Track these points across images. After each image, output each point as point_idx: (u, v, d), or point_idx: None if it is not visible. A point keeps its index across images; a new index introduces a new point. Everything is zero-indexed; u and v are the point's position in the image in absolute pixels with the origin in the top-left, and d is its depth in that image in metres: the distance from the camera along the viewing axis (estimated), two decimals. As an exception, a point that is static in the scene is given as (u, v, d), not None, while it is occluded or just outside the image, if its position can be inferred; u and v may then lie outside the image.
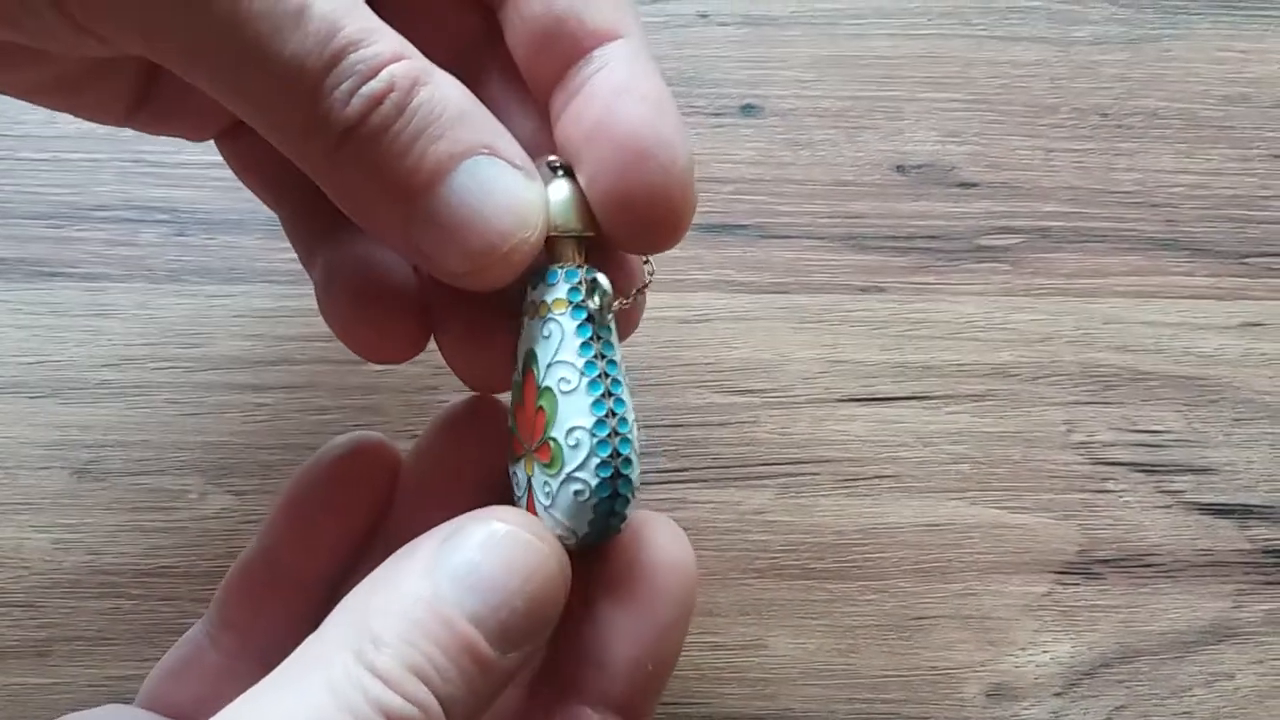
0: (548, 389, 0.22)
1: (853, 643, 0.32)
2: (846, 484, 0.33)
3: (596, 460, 0.21)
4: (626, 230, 0.22)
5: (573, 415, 0.22)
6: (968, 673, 0.31)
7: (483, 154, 0.20)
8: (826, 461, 0.33)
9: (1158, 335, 0.34)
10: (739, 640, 0.31)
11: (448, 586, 0.19)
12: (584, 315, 0.22)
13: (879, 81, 0.37)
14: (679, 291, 0.34)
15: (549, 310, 0.22)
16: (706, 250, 0.35)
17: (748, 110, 0.36)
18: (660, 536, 0.22)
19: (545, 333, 0.22)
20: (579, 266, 0.23)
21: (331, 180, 0.21)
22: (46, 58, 0.22)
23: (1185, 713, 0.31)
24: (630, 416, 0.22)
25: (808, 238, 0.35)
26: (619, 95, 0.22)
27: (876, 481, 0.33)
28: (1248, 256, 0.35)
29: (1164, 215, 0.36)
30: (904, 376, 0.34)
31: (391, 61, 0.20)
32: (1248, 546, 0.33)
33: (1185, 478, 0.33)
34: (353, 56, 0.19)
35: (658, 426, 0.33)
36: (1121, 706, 0.31)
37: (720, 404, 0.33)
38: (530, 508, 0.22)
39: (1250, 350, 0.34)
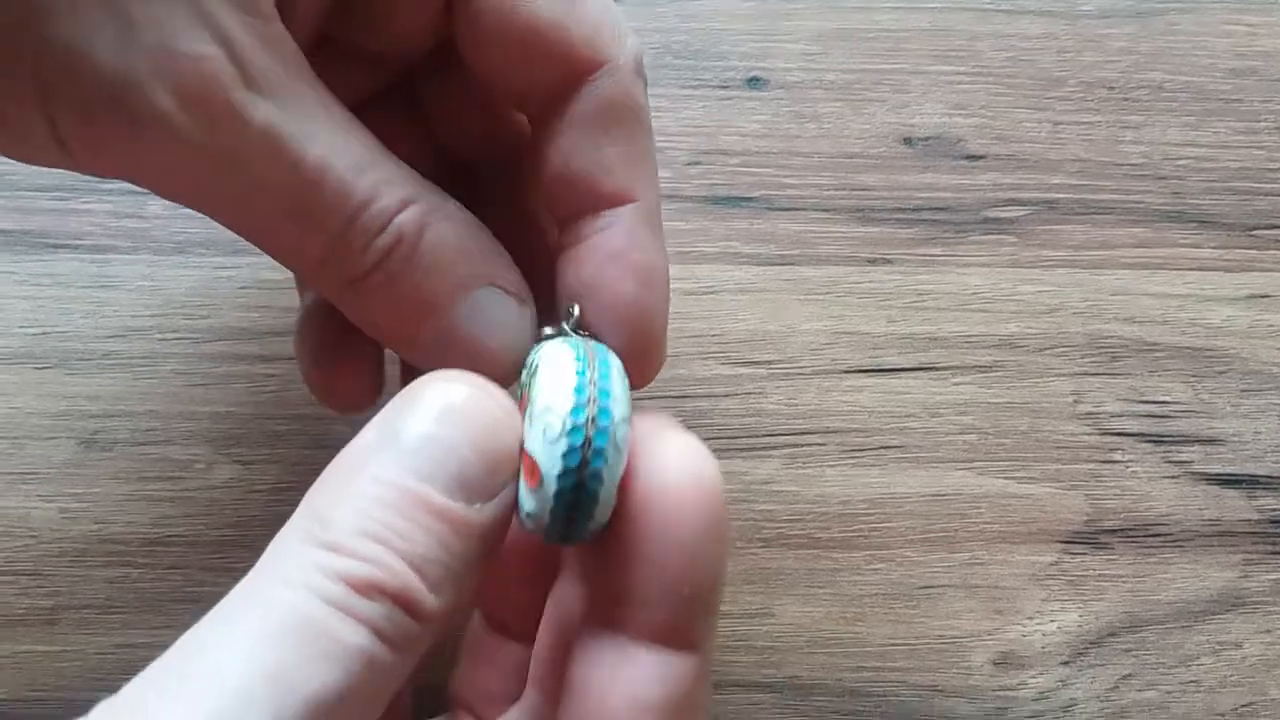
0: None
1: (859, 611, 0.32)
2: (853, 454, 0.33)
3: (564, 446, 0.19)
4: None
5: (549, 393, 0.20)
6: (974, 641, 0.31)
7: (480, 285, 0.23)
8: (833, 432, 0.33)
9: (1165, 306, 0.34)
10: (746, 609, 0.31)
11: (387, 454, 0.19)
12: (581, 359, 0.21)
13: (885, 54, 0.37)
14: (685, 263, 0.34)
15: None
16: (713, 222, 0.35)
17: (754, 83, 0.36)
18: (670, 448, 0.20)
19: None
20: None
21: (348, 309, 0.23)
22: None
23: (1192, 681, 0.31)
24: (617, 412, 0.20)
25: (814, 210, 0.35)
26: (614, 261, 0.24)
27: (883, 452, 0.33)
28: (1255, 228, 0.35)
29: (1171, 187, 0.36)
30: (911, 348, 0.34)
31: (399, 210, 0.22)
32: (1255, 516, 0.33)
33: (1193, 448, 0.33)
34: (365, 215, 0.22)
35: (664, 398, 0.33)
36: (1128, 675, 0.31)
37: (727, 375, 0.33)
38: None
39: (1258, 321, 0.34)
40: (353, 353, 0.27)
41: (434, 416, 0.19)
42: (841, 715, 0.31)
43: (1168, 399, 0.34)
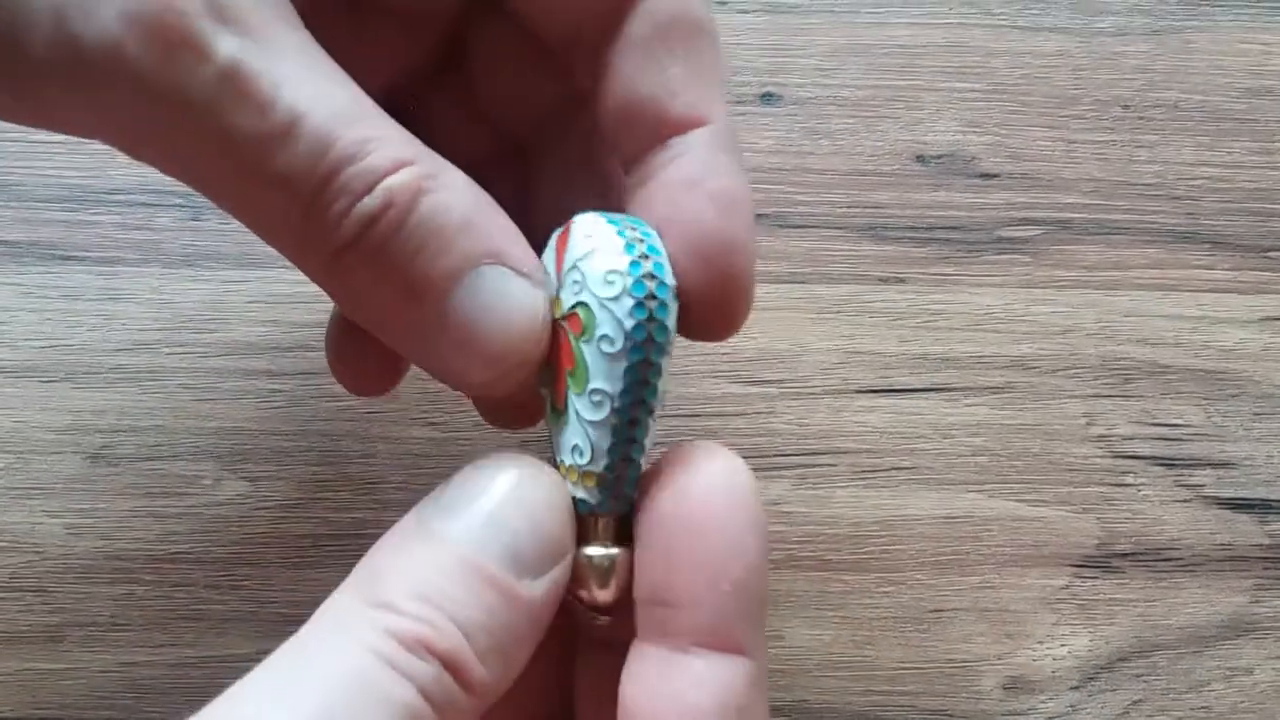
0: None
1: (869, 634, 0.31)
2: (864, 475, 0.33)
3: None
4: (687, 321, 0.21)
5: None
6: (985, 665, 0.31)
7: (488, 263, 0.20)
8: (844, 453, 0.33)
9: (1178, 328, 0.34)
10: (755, 631, 0.31)
11: (444, 524, 0.19)
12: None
13: (899, 71, 0.36)
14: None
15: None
16: (724, 239, 0.34)
17: (767, 99, 0.36)
18: (699, 454, 0.20)
19: None
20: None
21: (330, 291, 0.21)
22: None
23: (1203, 707, 0.31)
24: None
25: (826, 228, 0.35)
26: (689, 190, 0.21)
27: (894, 473, 0.33)
28: (1269, 250, 0.35)
29: (1185, 208, 0.35)
30: (923, 368, 0.34)
31: (390, 173, 0.19)
32: (1267, 541, 0.33)
33: (1205, 472, 0.33)
34: (347, 172, 0.19)
35: (675, 417, 0.33)
36: (1139, 701, 0.31)
37: (737, 394, 0.33)
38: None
39: (1271, 344, 0.34)
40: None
41: (491, 495, 0.19)
42: (850, 739, 0.31)
43: (1180, 422, 0.33)
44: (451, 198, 0.20)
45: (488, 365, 0.20)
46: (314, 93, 0.19)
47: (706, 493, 0.20)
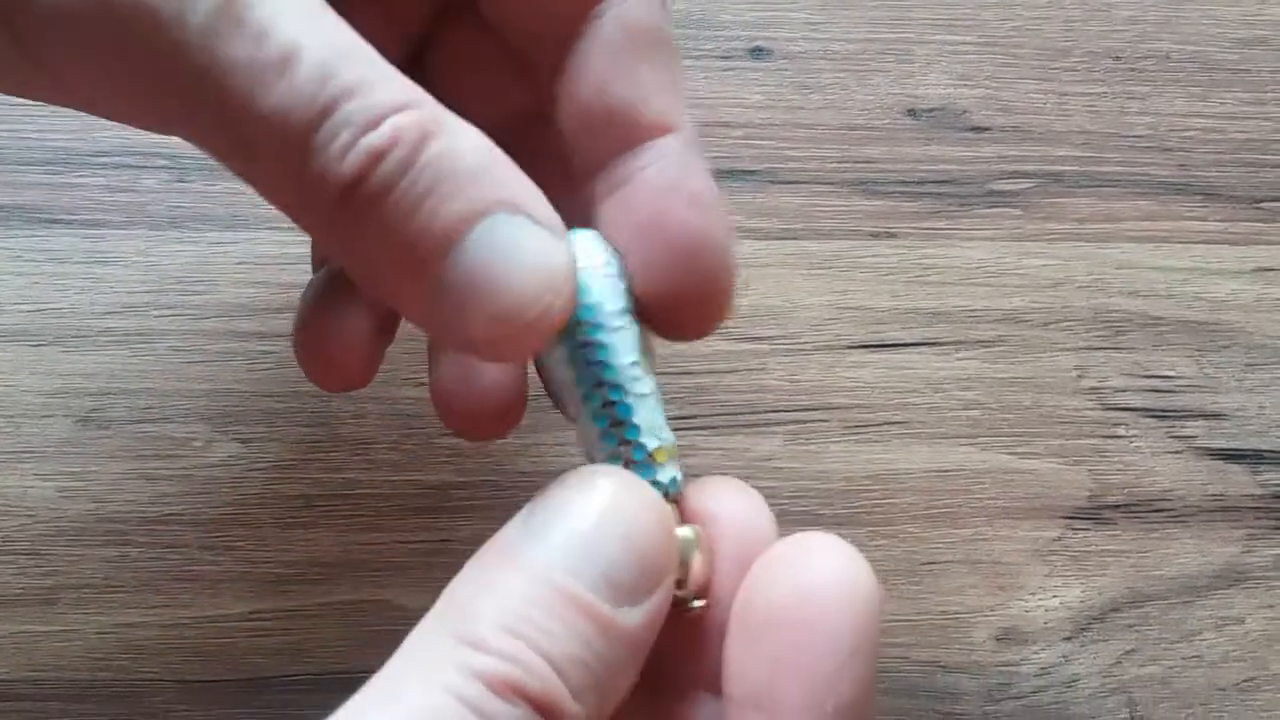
0: None
1: (863, 588, 0.31)
2: (856, 430, 0.33)
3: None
4: (667, 321, 0.21)
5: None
6: (977, 617, 0.31)
7: (503, 212, 0.18)
8: (836, 408, 0.33)
9: (1170, 280, 0.34)
10: (749, 586, 0.31)
11: (534, 549, 0.18)
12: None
13: (890, 23, 0.36)
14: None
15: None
16: (714, 195, 0.34)
17: (757, 53, 0.36)
18: (823, 552, 0.19)
19: None
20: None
21: (333, 245, 0.20)
22: None
23: (1194, 656, 0.31)
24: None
25: (817, 183, 0.35)
26: (670, 194, 0.21)
27: (886, 428, 0.33)
28: (1262, 201, 0.35)
29: (1177, 159, 0.35)
30: (914, 322, 0.34)
31: (394, 111, 0.18)
32: (1259, 491, 0.33)
33: (1197, 423, 0.33)
34: (348, 107, 0.17)
35: (665, 374, 0.33)
36: (1131, 651, 0.31)
37: (728, 351, 0.33)
38: None
39: (1263, 295, 0.34)
40: (345, 324, 0.25)
41: (585, 513, 0.18)
42: (844, 692, 0.31)
43: (1172, 373, 0.33)
44: (463, 143, 0.19)
45: (502, 320, 0.18)
46: (312, 28, 0.18)
47: (826, 597, 0.18)
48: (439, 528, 0.31)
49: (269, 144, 0.18)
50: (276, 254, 0.33)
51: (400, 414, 0.32)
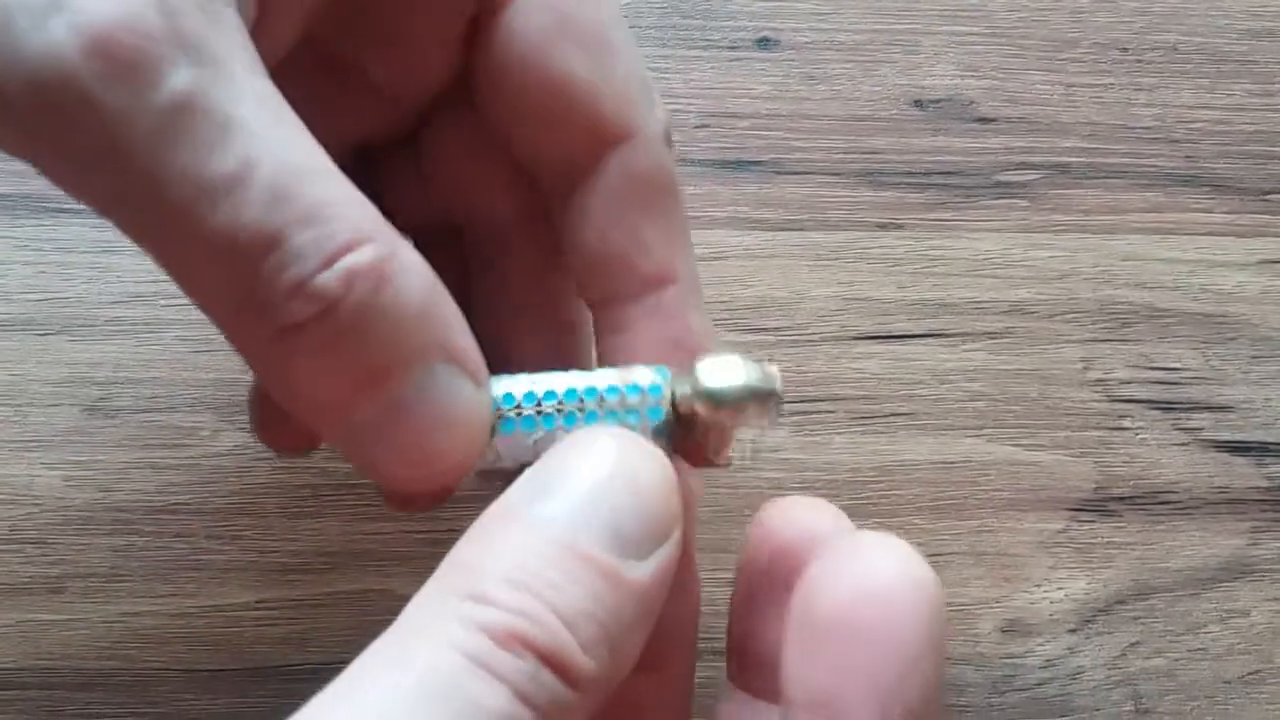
0: None
1: (868, 579, 0.31)
2: (862, 421, 0.33)
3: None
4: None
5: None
6: (982, 609, 0.31)
7: (439, 359, 0.18)
8: (842, 399, 0.33)
9: (1176, 272, 0.34)
10: (754, 577, 0.31)
11: (539, 506, 0.18)
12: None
13: (897, 14, 0.36)
14: (693, 228, 0.33)
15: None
16: (721, 187, 0.34)
17: (763, 44, 0.36)
18: (883, 552, 0.18)
19: None
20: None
21: (261, 371, 0.19)
22: None
23: (1200, 649, 0.31)
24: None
25: (824, 174, 0.35)
26: (670, 350, 0.22)
27: (892, 419, 0.33)
28: (1269, 193, 0.35)
29: (1184, 151, 0.35)
30: (920, 314, 0.34)
31: (348, 249, 0.17)
32: (1264, 484, 0.33)
33: (1202, 415, 0.33)
34: (299, 239, 0.17)
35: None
36: (1136, 643, 0.31)
37: (735, 342, 0.33)
38: None
39: (1270, 287, 0.34)
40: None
41: (589, 470, 0.18)
42: (849, 682, 0.31)
43: (1178, 365, 0.33)
44: (410, 283, 0.18)
45: (423, 465, 0.19)
46: (270, 140, 0.17)
47: (891, 599, 0.17)
48: (444, 518, 0.31)
49: (209, 265, 0.17)
50: (283, 244, 0.33)
51: (406, 404, 0.32)
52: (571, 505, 0.18)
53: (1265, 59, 0.36)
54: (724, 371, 0.20)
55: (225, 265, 0.17)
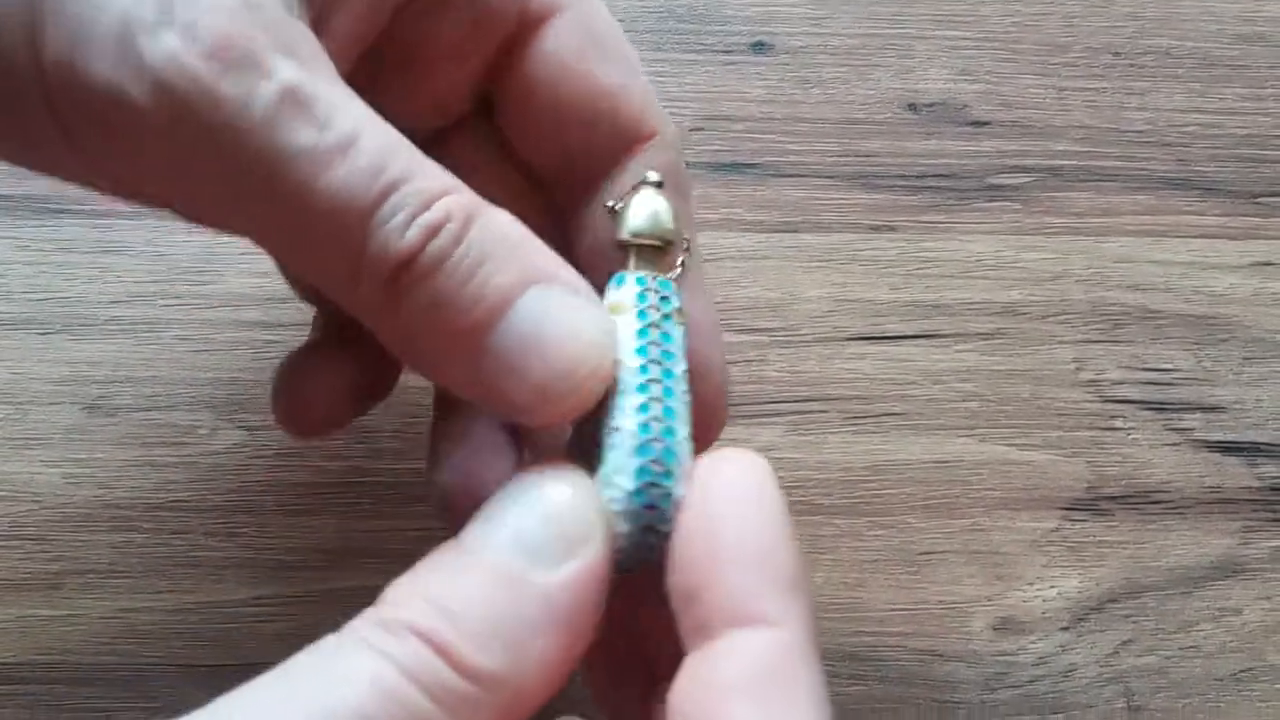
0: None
1: (860, 577, 0.32)
2: (855, 421, 0.33)
3: (635, 464, 0.20)
4: None
5: (618, 416, 0.21)
6: (975, 607, 0.32)
7: (545, 283, 0.20)
8: (835, 399, 0.33)
9: (1168, 274, 0.34)
10: (747, 575, 0.32)
11: (459, 539, 0.19)
12: (646, 319, 0.21)
13: (890, 19, 0.36)
14: (688, 230, 0.34)
15: (615, 312, 0.22)
16: (715, 189, 0.35)
17: (758, 47, 0.36)
18: (720, 459, 0.20)
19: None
20: (651, 275, 0.22)
21: (385, 321, 0.20)
22: None
23: (1192, 647, 0.31)
24: (680, 430, 0.21)
25: (818, 176, 0.35)
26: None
27: (885, 419, 0.33)
28: (1260, 196, 0.35)
29: (1176, 154, 0.36)
30: (913, 315, 0.34)
31: (444, 195, 0.19)
32: (1256, 484, 0.33)
33: (1194, 415, 0.33)
34: (405, 189, 0.19)
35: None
36: (1128, 641, 0.31)
37: (729, 342, 0.33)
38: None
39: (1261, 289, 0.34)
40: (320, 383, 0.26)
41: (501, 499, 0.19)
42: (841, 680, 0.31)
43: (1170, 366, 0.34)
44: (504, 222, 0.20)
45: (552, 384, 0.20)
46: (367, 121, 0.19)
47: (723, 486, 0.20)
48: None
49: (327, 224, 0.19)
50: (282, 244, 0.33)
51: (404, 403, 0.32)
52: (476, 526, 0.19)
53: (1256, 63, 0.36)
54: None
55: (339, 227, 0.19)
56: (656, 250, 0.23)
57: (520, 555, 0.19)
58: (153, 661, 0.30)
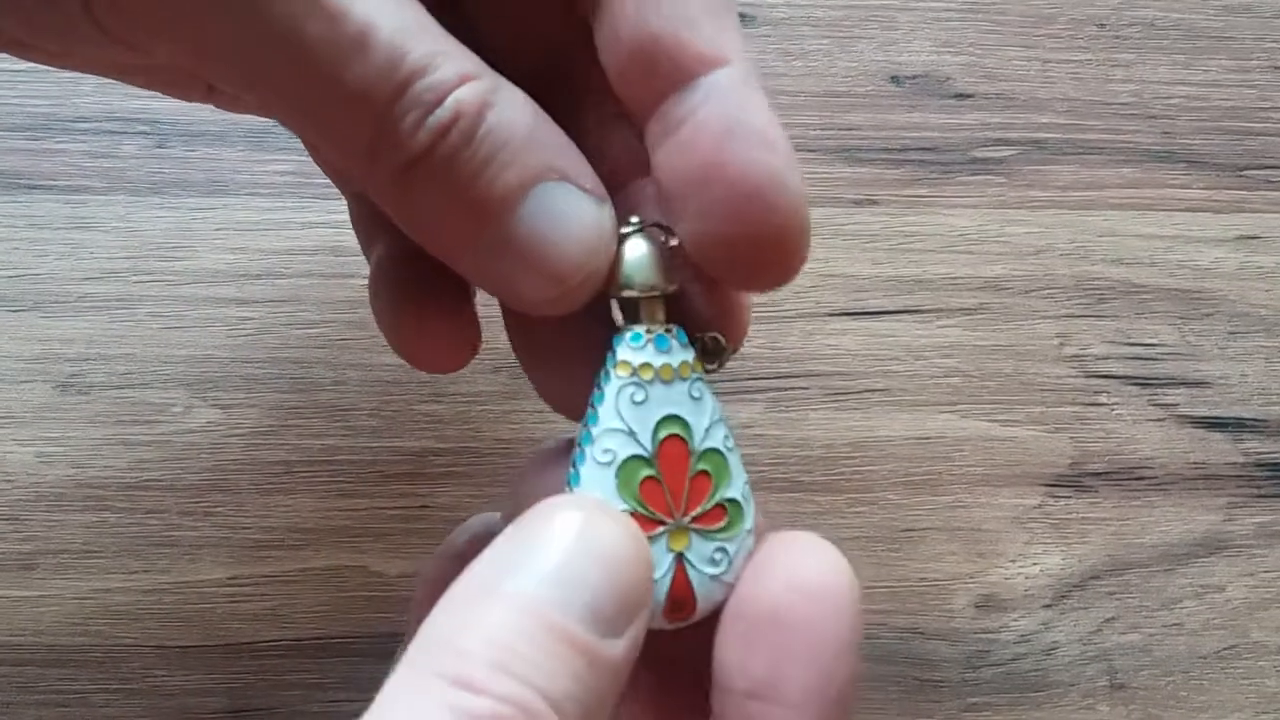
0: (712, 450, 0.21)
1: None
2: (836, 397, 0.33)
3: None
4: (736, 272, 0.21)
5: (740, 472, 0.21)
6: (957, 584, 0.31)
7: (552, 179, 0.20)
8: (816, 375, 0.33)
9: (1153, 248, 0.34)
10: (728, 552, 0.31)
11: (518, 582, 0.18)
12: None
13: (873, -10, 0.36)
14: (668, 204, 0.34)
15: (687, 372, 0.21)
16: (696, 163, 0.34)
17: (741, 19, 0.35)
18: (811, 550, 0.20)
19: (695, 394, 0.21)
20: (666, 328, 0.21)
21: (397, 206, 0.20)
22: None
23: (1175, 624, 0.31)
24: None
25: (800, 150, 0.34)
26: (730, 134, 0.20)
27: (867, 395, 0.33)
28: (1245, 169, 0.35)
29: (1161, 127, 0.35)
30: (895, 290, 0.33)
31: (458, 85, 0.19)
32: (1240, 460, 0.33)
33: (1179, 391, 0.33)
34: (419, 84, 0.19)
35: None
36: (1111, 618, 0.31)
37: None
38: (681, 585, 0.21)
39: (1246, 263, 0.34)
40: (440, 304, 0.25)
41: (564, 545, 0.18)
42: (823, 657, 0.31)
43: (1154, 341, 0.33)
44: (515, 113, 0.20)
45: (553, 280, 0.20)
46: (384, 6, 0.19)
47: (820, 590, 0.19)
48: (418, 494, 0.31)
49: (344, 116, 0.19)
50: (256, 220, 0.33)
51: (380, 381, 0.32)
52: (549, 581, 0.18)
53: (1241, 35, 0.36)
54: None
55: (359, 114, 0.19)
56: (652, 300, 0.21)
57: (595, 625, 0.18)
58: (127, 642, 0.30)
